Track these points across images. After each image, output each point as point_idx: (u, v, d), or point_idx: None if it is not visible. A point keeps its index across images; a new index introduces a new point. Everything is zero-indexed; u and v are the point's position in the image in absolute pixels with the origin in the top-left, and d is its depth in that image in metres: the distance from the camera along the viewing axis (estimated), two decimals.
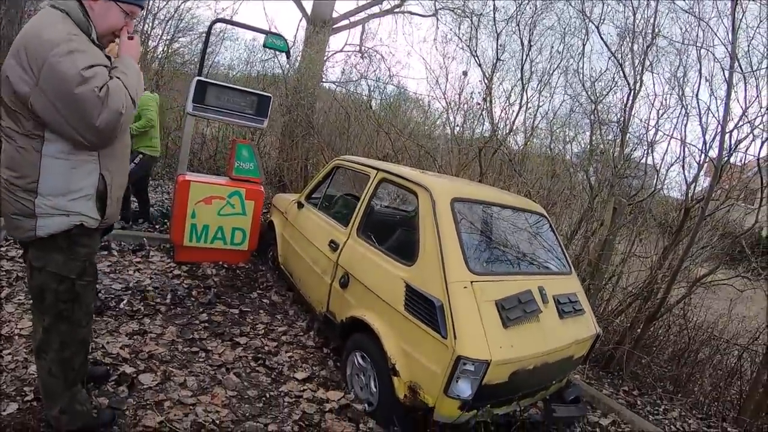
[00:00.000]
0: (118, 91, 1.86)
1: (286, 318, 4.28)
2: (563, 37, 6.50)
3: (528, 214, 3.70)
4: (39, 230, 1.97)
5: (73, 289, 2.10)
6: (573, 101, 6.69)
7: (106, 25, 2.01)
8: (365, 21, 12.85)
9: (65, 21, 1.86)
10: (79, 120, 1.83)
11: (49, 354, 2.17)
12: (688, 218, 5.13)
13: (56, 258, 2.04)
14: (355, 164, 4.21)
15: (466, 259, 2.80)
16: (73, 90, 1.76)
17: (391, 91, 9.74)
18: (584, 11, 6.02)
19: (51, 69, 1.76)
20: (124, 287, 4.17)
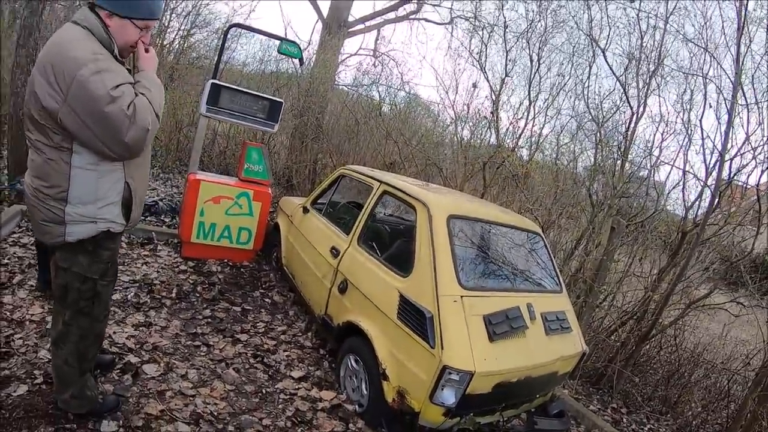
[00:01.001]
0: (144, 108, 1.99)
1: (286, 318, 4.44)
2: (572, 57, 6.64)
3: (524, 232, 3.84)
4: (68, 236, 2.11)
5: (94, 288, 2.26)
6: (578, 121, 6.81)
7: (123, 40, 2.11)
8: (380, 26, 12.96)
9: (89, 38, 1.97)
10: (108, 136, 1.95)
11: (66, 345, 2.32)
12: (685, 241, 5.23)
13: (81, 260, 2.18)
14: (360, 174, 4.37)
15: (458, 274, 2.96)
16: (102, 109, 1.88)
17: (402, 98, 9.88)
18: (591, 35, 6.15)
19: (80, 88, 1.87)
20: (131, 279, 4.33)
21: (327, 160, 8.89)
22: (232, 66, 11.72)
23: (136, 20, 2.11)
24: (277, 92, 9.71)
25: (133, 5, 2.08)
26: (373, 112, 8.72)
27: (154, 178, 8.50)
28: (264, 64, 10.72)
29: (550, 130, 7.20)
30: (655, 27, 5.75)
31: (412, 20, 13.12)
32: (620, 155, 5.92)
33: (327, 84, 9.24)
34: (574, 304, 4.49)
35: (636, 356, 5.26)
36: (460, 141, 7.59)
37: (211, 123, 9.72)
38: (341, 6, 11.35)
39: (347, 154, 8.65)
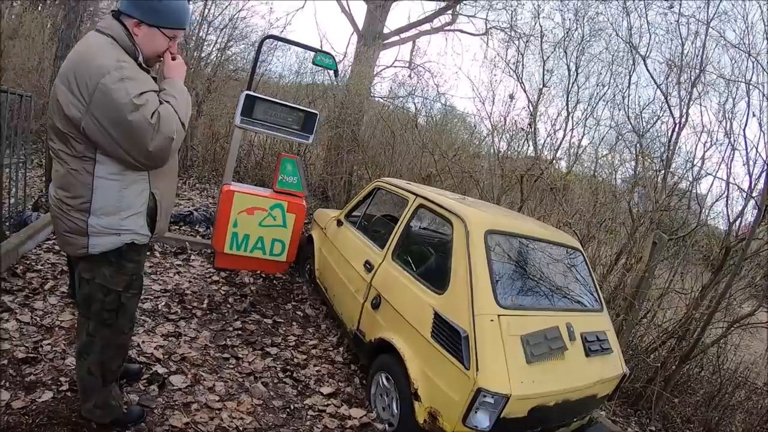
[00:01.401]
0: (169, 116, 1.95)
1: (317, 332, 4.36)
2: (610, 65, 6.44)
3: (563, 248, 3.69)
4: (91, 248, 2.08)
5: (118, 300, 2.22)
6: (618, 131, 6.60)
7: (152, 49, 2.09)
8: (416, 37, 12.99)
9: (113, 46, 1.94)
10: (132, 145, 1.91)
11: (90, 355, 2.29)
12: (729, 257, 4.97)
13: (105, 272, 2.15)
14: (395, 187, 4.29)
15: (495, 292, 2.83)
16: (126, 117, 1.84)
17: (438, 109, 9.80)
18: (631, 42, 5.94)
19: (103, 95, 1.83)
20: (163, 289, 4.33)
21: (363, 172, 8.86)
22: (269, 78, 11.85)
23: (165, 29, 2.08)
24: (312, 104, 9.78)
25: (162, 14, 2.05)
26: (408, 124, 8.65)
27: (190, 188, 8.61)
28: (300, 77, 10.80)
29: (589, 142, 7.00)
30: (696, 33, 5.53)
31: (447, 32, 13.08)
32: (662, 166, 5.68)
33: (363, 95, 9.24)
34: (614, 321, 4.28)
35: (676, 376, 4.99)
36: (497, 153, 7.44)
37: (248, 134, 9.86)
38: (376, 18, 11.39)
39: (383, 167, 8.60)
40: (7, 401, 2.56)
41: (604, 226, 6.20)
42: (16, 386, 2.70)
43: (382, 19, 11.55)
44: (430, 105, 9.27)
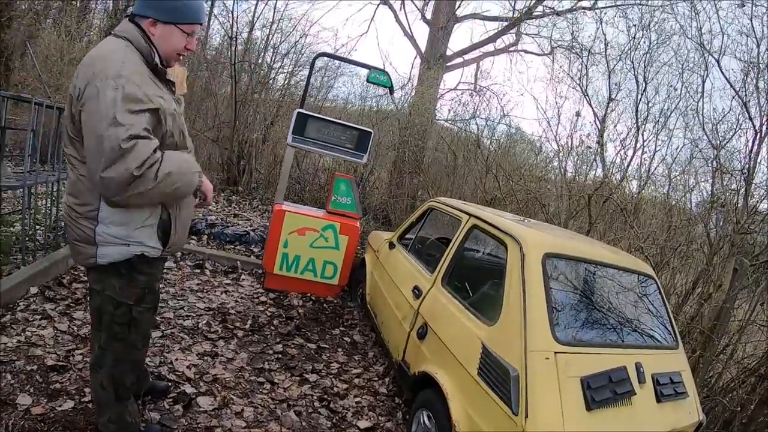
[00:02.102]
0: (145, 154, 1.75)
1: (363, 360, 4.10)
2: (681, 74, 5.88)
3: (634, 274, 3.25)
4: (99, 258, 1.96)
5: (129, 314, 2.09)
6: (693, 146, 5.99)
7: (170, 48, 2.01)
8: (479, 59, 12.79)
9: (126, 50, 1.85)
10: (90, 160, 1.76)
11: (102, 369, 2.17)
12: None
13: (114, 283, 2.02)
14: (448, 207, 4.00)
15: (553, 325, 2.45)
16: (99, 129, 1.70)
17: (503, 131, 9.46)
18: (702, 44, 5.38)
19: (94, 97, 1.72)
20: (207, 307, 4.23)
21: (426, 196, 8.61)
22: (335, 103, 11.95)
23: (182, 25, 1.99)
24: (376, 127, 9.70)
25: (178, 10, 1.97)
26: (472, 146, 8.36)
27: (252, 209, 8.64)
28: (364, 101, 10.79)
29: (661, 159, 6.38)
30: None
31: (511, 52, 12.78)
32: (743, 183, 5.04)
33: (426, 117, 9.06)
34: (689, 358, 3.74)
35: (756, 420, 4.32)
36: (564, 174, 6.99)
37: (314, 158, 9.88)
38: (438, 40, 11.27)
39: (445, 190, 8.33)
40: (28, 406, 2.55)
41: (678, 251, 5.60)
42: (40, 392, 2.67)
43: (444, 41, 11.44)
44: (494, 126, 8.94)
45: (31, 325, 3.29)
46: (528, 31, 12.39)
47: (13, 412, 2.49)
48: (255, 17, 10.65)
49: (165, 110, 1.88)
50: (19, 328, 3.23)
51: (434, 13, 11.96)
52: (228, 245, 6.20)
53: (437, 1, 11.92)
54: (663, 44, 6.15)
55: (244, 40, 10.65)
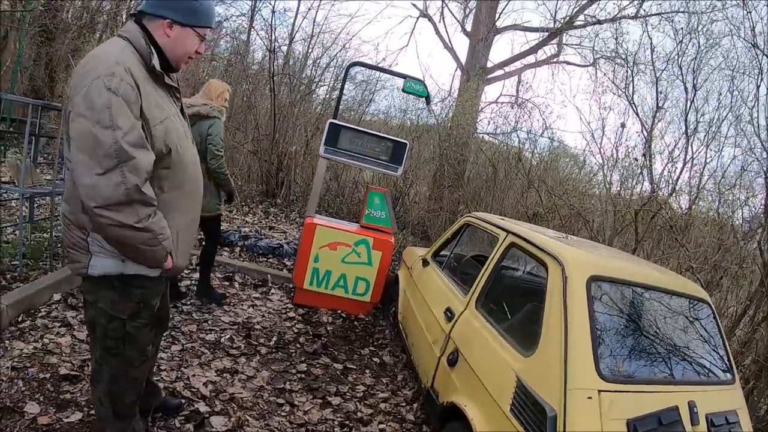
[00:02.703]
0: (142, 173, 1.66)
1: (392, 383, 3.86)
2: (732, 79, 5.45)
3: (685, 299, 2.90)
4: (91, 269, 1.83)
5: (123, 329, 1.93)
6: (744, 156, 5.53)
7: (182, 50, 1.91)
8: (520, 71, 12.51)
9: (124, 50, 1.73)
10: (77, 165, 1.62)
11: (100, 384, 2.04)
12: None
13: (107, 295, 1.88)
14: (485, 223, 3.74)
15: (597, 359, 2.17)
16: (91, 128, 1.59)
17: (545, 145, 9.14)
18: (756, 44, 4.95)
19: (83, 97, 1.61)
20: (232, 321, 4.10)
21: (466, 211, 8.37)
22: (376, 117, 11.86)
23: (198, 28, 1.89)
24: (416, 140, 9.53)
25: (197, 12, 1.89)
26: (513, 160, 8.08)
27: (290, 222, 8.55)
28: (404, 114, 10.66)
29: (711, 173, 5.92)
30: None
31: (553, 64, 12.43)
32: None
33: (466, 130, 8.83)
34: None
35: None
36: (609, 188, 6.62)
37: (353, 171, 9.78)
38: (479, 52, 11.08)
39: (486, 204, 8.06)
40: (35, 415, 2.48)
41: (730, 271, 5.16)
42: (49, 402, 2.62)
43: (484, 53, 11.23)
44: (536, 139, 8.64)
45: (49, 332, 3.25)
46: (570, 42, 12.09)
47: (20, 420, 2.43)
48: (294, 30, 10.70)
49: (156, 118, 1.75)
50: (37, 334, 3.20)
51: (474, 25, 11.79)
52: (261, 258, 6.09)
53: (477, 12, 11.73)
54: (712, 48, 5.74)
55: (284, 53, 10.70)
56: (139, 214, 1.68)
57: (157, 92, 1.82)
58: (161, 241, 1.79)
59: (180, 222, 1.95)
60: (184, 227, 1.98)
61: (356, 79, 11.83)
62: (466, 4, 12.96)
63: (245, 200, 9.06)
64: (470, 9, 12.76)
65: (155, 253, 1.80)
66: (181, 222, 1.96)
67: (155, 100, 1.78)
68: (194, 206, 2.06)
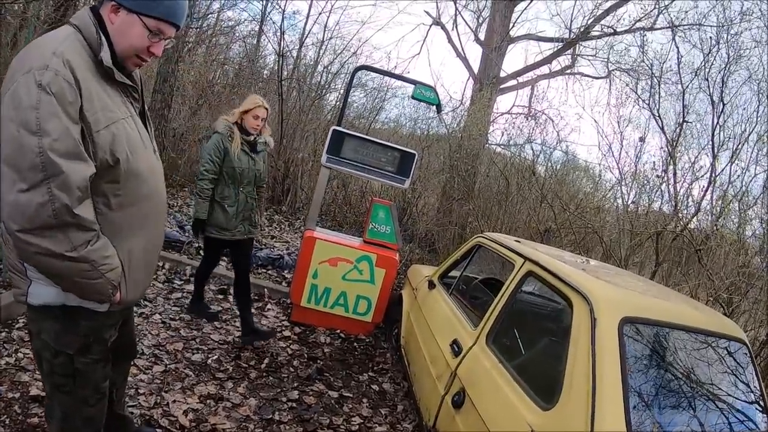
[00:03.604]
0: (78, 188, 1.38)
1: (391, 414, 3.55)
2: (758, 92, 5.12)
3: (722, 340, 2.53)
4: (30, 297, 1.56)
5: (70, 365, 1.65)
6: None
7: (126, 43, 1.57)
8: (534, 82, 12.28)
9: (68, 38, 1.47)
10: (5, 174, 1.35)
11: (53, 420, 1.77)
12: None
13: (51, 327, 1.60)
14: (499, 246, 3.41)
15: (629, 418, 1.84)
16: (12, 129, 1.32)
17: (559, 158, 8.84)
18: None
19: (11, 93, 1.35)
20: (222, 340, 3.84)
21: (476, 225, 8.07)
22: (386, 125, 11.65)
23: (147, 17, 1.54)
24: (426, 150, 9.27)
25: None
26: (526, 173, 7.78)
27: (294, 231, 8.29)
28: (414, 123, 10.42)
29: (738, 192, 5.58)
30: None
31: (567, 75, 12.16)
32: None
33: (478, 140, 8.56)
34: None
35: None
36: (626, 205, 6.29)
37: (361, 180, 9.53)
38: (492, 61, 10.85)
39: (497, 218, 7.76)
40: None
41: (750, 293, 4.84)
42: (14, 426, 2.44)
43: (498, 62, 10.99)
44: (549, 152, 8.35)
45: (25, 346, 3.01)
46: (584, 53, 11.82)
47: None
48: (304, 34, 10.50)
49: (100, 122, 1.47)
50: (12, 347, 2.98)
51: (487, 34, 11.57)
52: (259, 269, 5.82)
53: (491, 21, 11.49)
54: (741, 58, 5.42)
55: (294, 57, 10.51)
56: (73, 241, 1.39)
57: (106, 91, 1.52)
58: (103, 273, 1.50)
59: (133, 246, 1.67)
60: (137, 253, 1.69)
61: (367, 87, 11.62)
62: (479, 13, 12.76)
63: None
64: (484, 18, 12.54)
65: (96, 287, 1.51)
66: (135, 246, 1.68)
67: (102, 100, 1.49)
68: (152, 227, 1.77)
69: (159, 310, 4.06)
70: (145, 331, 3.66)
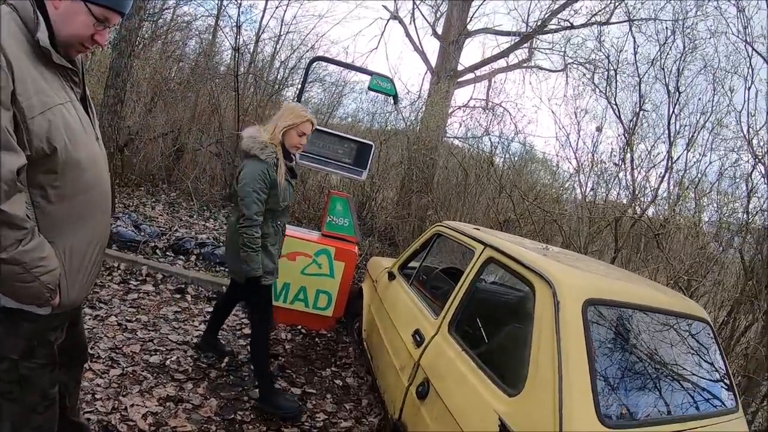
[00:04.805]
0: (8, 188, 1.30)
1: (356, 409, 3.52)
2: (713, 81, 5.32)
3: (686, 320, 2.59)
4: None
5: (15, 371, 1.56)
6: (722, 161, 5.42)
7: (71, 31, 1.49)
8: (491, 75, 12.41)
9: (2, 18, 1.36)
10: None
11: (1, 430, 1.65)
12: None
13: None
14: (459, 234, 3.39)
15: (597, 400, 1.83)
16: None
17: (516, 149, 8.98)
18: (748, 40, 4.78)
19: None
20: (181, 340, 3.73)
21: (435, 217, 8.11)
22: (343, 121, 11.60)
23: (93, 5, 1.47)
24: (385, 143, 9.26)
25: None
26: (484, 164, 7.87)
27: None
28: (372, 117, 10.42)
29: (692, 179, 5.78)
30: None
31: (524, 68, 12.36)
32: None
33: (436, 133, 8.60)
34: None
35: None
36: (585, 194, 6.43)
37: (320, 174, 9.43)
38: (450, 55, 10.95)
39: (455, 210, 7.82)
40: None
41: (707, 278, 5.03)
42: None
43: (455, 56, 11.08)
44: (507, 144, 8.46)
45: None
46: (541, 47, 12.00)
47: None
48: (261, 29, 10.34)
49: (34, 107, 1.37)
50: None
51: (445, 28, 11.62)
52: (218, 267, 5.69)
53: (448, 15, 11.55)
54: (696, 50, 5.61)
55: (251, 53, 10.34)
56: (1, 241, 1.30)
57: (42, 75, 1.43)
58: (37, 277, 1.41)
59: (75, 242, 1.58)
60: (80, 249, 1.61)
61: (325, 82, 11.56)
62: (437, 7, 12.81)
63: (206, 204, 8.65)
64: (441, 12, 12.60)
65: (30, 290, 1.42)
66: (77, 242, 1.59)
67: (37, 84, 1.40)
68: (96, 220, 1.67)
69: (115, 312, 3.92)
70: (100, 333, 3.53)
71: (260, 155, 2.88)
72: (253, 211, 2.84)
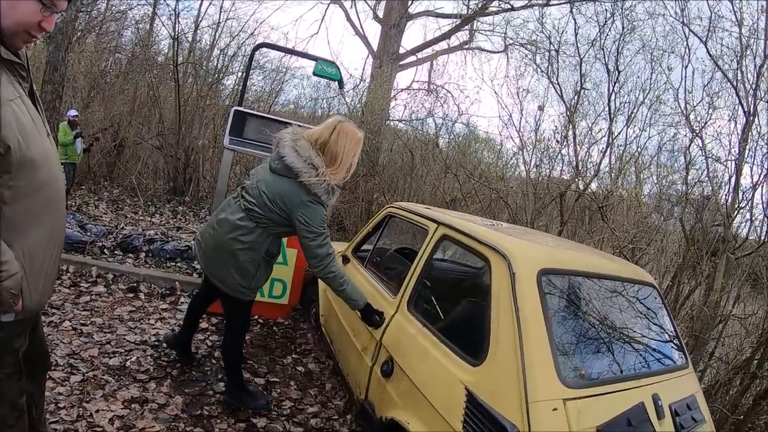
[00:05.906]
0: None
1: (320, 394, 3.59)
2: (651, 60, 5.62)
3: (635, 285, 2.78)
4: None
5: None
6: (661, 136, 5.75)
7: (18, 19, 1.41)
8: (433, 57, 12.58)
9: None
10: None
11: None
12: None
13: None
14: (411, 214, 3.47)
15: (558, 364, 1.95)
16: None
17: (461, 130, 9.14)
18: (685, 21, 5.07)
19: None
20: (139, 340, 3.68)
21: (383, 199, 8.20)
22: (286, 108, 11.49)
23: None
24: None
25: None
26: (429, 145, 7.99)
27: (199, 221, 8.04)
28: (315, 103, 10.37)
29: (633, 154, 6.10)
30: None
31: (466, 50, 12.55)
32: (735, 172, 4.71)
33: (379, 115, 8.66)
34: None
35: (749, 421, 4.02)
36: (529, 171, 6.66)
37: None
38: (391, 38, 10.98)
39: (402, 191, 7.93)
40: None
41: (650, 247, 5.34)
42: None
43: (397, 39, 11.14)
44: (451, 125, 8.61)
45: None
46: (482, 29, 12.18)
47: None
48: (199, 16, 10.07)
49: None
50: None
51: (386, 11, 11.65)
52: (168, 263, 5.61)
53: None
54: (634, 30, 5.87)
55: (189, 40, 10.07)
56: None
57: None
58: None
59: (33, 243, 1.55)
60: (39, 250, 1.58)
61: (266, 68, 11.38)
62: None
63: (151, 200, 8.45)
64: None
65: None
66: (36, 243, 1.56)
67: None
68: (53, 219, 1.63)
69: (68, 317, 3.82)
70: (56, 340, 3.44)
71: (324, 200, 2.70)
72: (331, 252, 2.79)
